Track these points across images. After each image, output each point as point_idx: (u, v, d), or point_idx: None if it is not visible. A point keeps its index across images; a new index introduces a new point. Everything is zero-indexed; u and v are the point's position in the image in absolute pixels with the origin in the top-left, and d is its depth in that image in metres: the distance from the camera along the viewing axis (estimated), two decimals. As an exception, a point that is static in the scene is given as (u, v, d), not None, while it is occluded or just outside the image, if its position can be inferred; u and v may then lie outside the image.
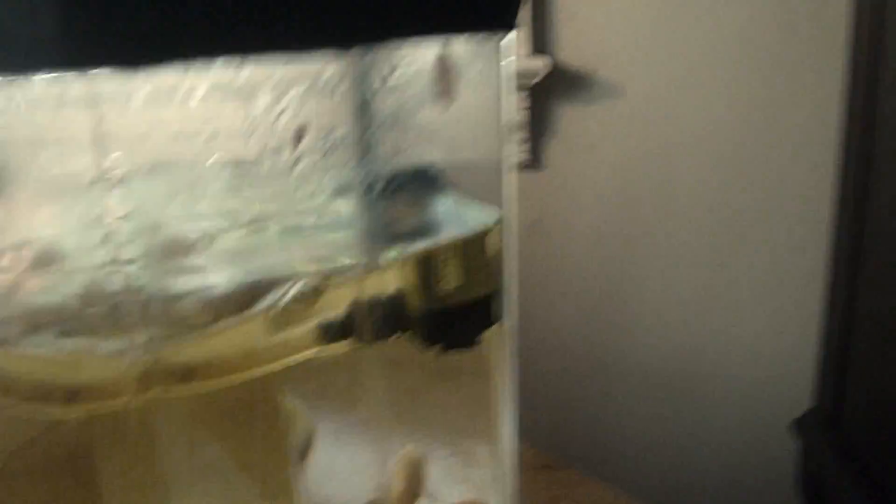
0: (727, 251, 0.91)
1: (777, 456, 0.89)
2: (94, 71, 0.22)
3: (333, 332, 0.33)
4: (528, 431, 0.42)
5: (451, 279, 0.33)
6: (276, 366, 0.31)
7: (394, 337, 0.34)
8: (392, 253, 0.29)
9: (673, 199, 0.92)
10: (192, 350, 0.29)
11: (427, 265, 0.32)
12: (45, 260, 0.26)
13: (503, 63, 0.29)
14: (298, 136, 0.24)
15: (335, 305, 0.33)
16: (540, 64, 0.95)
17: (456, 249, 0.32)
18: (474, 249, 0.33)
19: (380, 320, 0.33)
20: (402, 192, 0.29)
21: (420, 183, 0.31)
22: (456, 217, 0.32)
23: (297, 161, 0.24)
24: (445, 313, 0.33)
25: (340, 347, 0.34)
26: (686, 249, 0.93)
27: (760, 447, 0.93)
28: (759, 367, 0.92)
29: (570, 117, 0.99)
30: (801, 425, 0.81)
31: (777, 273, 0.90)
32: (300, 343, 0.33)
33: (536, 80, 0.96)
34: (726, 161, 0.89)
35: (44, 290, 0.26)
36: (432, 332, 0.33)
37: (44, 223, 0.26)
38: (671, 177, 0.92)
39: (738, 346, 0.92)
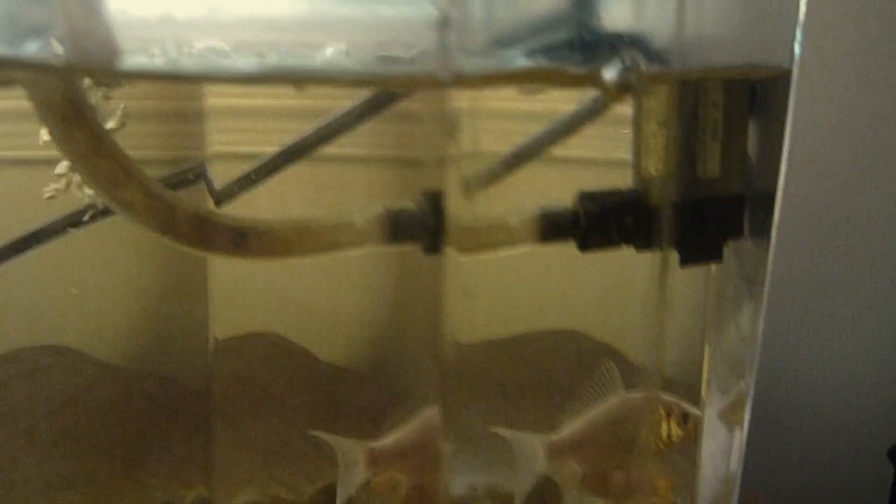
0: (822, 270, 0.86)
1: (873, 482, 0.83)
2: None
3: (554, 226, 0.26)
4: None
5: (714, 162, 0.26)
6: (490, 252, 0.24)
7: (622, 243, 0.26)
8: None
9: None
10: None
11: (691, 134, 0.25)
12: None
13: None
14: None
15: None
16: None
17: (728, 117, 0.25)
18: (740, 125, 0.26)
19: (616, 213, 0.25)
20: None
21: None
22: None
23: None
24: (700, 210, 0.26)
25: (559, 245, 0.26)
26: (776, 269, 0.88)
27: (856, 474, 0.88)
28: (856, 392, 0.87)
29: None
30: (898, 453, 0.76)
31: (877, 296, 0.85)
32: (519, 230, 0.25)
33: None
34: (828, 172, 0.86)
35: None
36: (679, 236, 0.26)
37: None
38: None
39: (835, 369, 0.87)
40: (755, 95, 0.26)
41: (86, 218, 0.26)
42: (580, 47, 0.19)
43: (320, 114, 0.32)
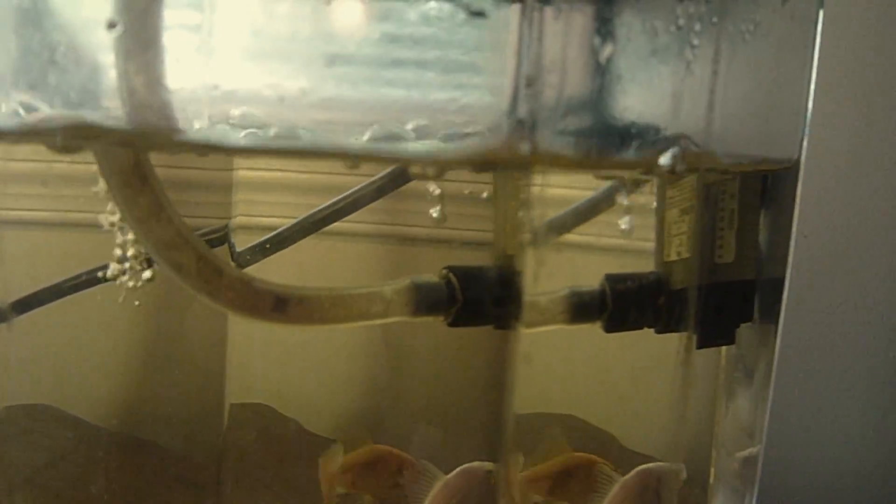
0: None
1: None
2: None
3: (582, 306, 0.26)
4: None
5: (729, 248, 0.27)
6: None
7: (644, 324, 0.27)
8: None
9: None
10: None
11: (710, 222, 0.26)
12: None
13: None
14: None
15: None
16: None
17: (743, 206, 0.26)
18: (753, 214, 0.27)
19: (642, 295, 0.26)
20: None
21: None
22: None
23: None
24: (718, 294, 0.27)
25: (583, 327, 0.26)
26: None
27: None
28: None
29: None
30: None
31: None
32: (548, 309, 0.25)
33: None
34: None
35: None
36: (697, 318, 0.27)
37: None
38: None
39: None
40: (766, 186, 0.28)
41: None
42: (636, 135, 0.20)
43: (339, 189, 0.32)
